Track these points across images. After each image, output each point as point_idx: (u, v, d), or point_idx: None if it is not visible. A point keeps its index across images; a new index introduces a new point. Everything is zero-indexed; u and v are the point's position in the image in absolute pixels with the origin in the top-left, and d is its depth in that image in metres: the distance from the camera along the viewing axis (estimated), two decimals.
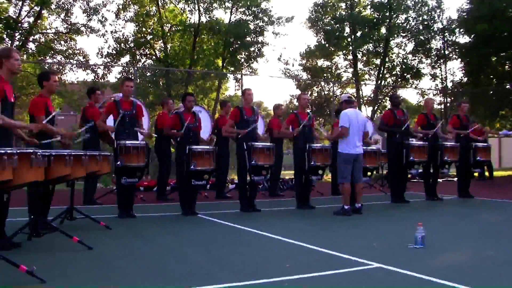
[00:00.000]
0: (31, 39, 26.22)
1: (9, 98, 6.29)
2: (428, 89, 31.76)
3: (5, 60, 6.37)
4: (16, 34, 25.31)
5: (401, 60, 32.05)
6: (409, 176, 13.66)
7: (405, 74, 31.93)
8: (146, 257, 6.11)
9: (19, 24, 25.34)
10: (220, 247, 6.87)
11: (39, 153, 5.38)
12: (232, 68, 30.34)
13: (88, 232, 7.54)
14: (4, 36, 25.13)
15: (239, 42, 28.83)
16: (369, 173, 12.05)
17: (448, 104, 30.09)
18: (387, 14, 30.61)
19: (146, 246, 6.94)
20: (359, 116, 10.59)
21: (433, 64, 31.85)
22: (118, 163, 9.17)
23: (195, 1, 28.27)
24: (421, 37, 30.91)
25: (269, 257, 6.18)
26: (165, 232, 8.13)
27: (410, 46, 31.77)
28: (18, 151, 4.91)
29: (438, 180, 13.46)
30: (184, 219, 9.65)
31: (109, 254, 6.29)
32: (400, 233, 7.83)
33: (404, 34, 31.25)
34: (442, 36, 31.16)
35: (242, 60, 30.31)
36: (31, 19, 26.05)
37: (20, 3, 25.44)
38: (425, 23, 30.63)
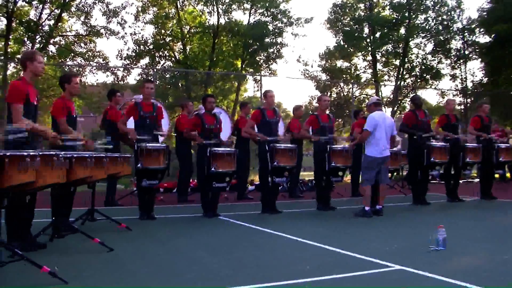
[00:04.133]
0: (51, 41, 26.52)
1: (32, 101, 6.33)
2: (448, 90, 31.56)
3: (28, 63, 6.43)
4: (37, 37, 25.57)
5: (420, 61, 31.91)
6: (429, 177, 13.52)
7: (425, 75, 31.75)
8: (163, 261, 6.08)
9: (40, 27, 25.60)
10: (241, 249, 6.87)
11: (61, 155, 5.39)
12: (251, 70, 30.36)
13: (109, 234, 7.54)
14: (25, 39, 25.38)
15: (258, 43, 28.83)
16: (389, 175, 11.96)
17: (468, 105, 29.83)
18: (406, 14, 30.50)
19: (163, 249, 6.91)
20: (386, 119, 10.52)
21: (452, 64, 31.68)
22: (139, 165, 9.19)
23: (214, 3, 28.33)
24: (441, 37, 30.72)
25: (290, 259, 6.15)
26: (183, 234, 8.12)
27: (430, 47, 31.62)
28: (40, 153, 4.92)
29: (460, 181, 13.32)
30: (205, 221, 9.63)
31: (127, 257, 6.27)
32: (421, 235, 7.74)
33: (423, 35, 31.07)
34: (462, 36, 30.97)
35: (261, 61, 30.34)
36: (52, 22, 26.38)
37: (40, 6, 25.66)
38: (445, 23, 30.45)
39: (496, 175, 14.92)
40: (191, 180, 13.95)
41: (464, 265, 5.87)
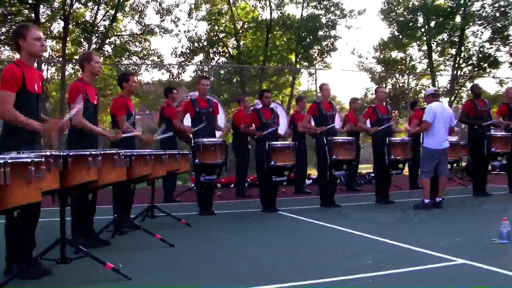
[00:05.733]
0: (107, 41, 26.90)
1: (91, 101, 6.44)
2: (506, 78, 30.79)
3: (86, 63, 6.54)
4: (93, 37, 25.99)
5: (477, 49, 31.14)
6: (490, 168, 13.22)
7: (482, 63, 31.01)
8: (218, 257, 6.08)
9: (96, 28, 26.00)
10: (300, 243, 6.85)
11: (121, 154, 5.47)
12: (306, 63, 30.27)
13: (169, 230, 7.63)
14: (82, 40, 25.85)
15: (311, 36, 28.70)
16: (449, 166, 11.76)
17: None
18: (462, 2, 29.77)
19: (219, 245, 6.91)
20: (445, 110, 10.32)
21: (511, 51, 30.86)
22: (196, 161, 9.25)
23: None
24: (498, 24, 29.91)
25: (350, 253, 6.10)
26: (241, 231, 8.12)
27: (487, 34, 30.84)
28: (101, 152, 5.01)
29: None
30: (264, 215, 9.66)
31: (185, 253, 6.28)
32: (484, 227, 7.57)
33: (480, 22, 30.30)
34: None
35: (315, 54, 30.21)
36: (107, 23, 26.77)
37: (95, 7, 26.09)
38: (502, 9, 29.63)
39: None
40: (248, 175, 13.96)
41: None
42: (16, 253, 4.98)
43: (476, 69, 31.25)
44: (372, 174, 14.11)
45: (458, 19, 30.27)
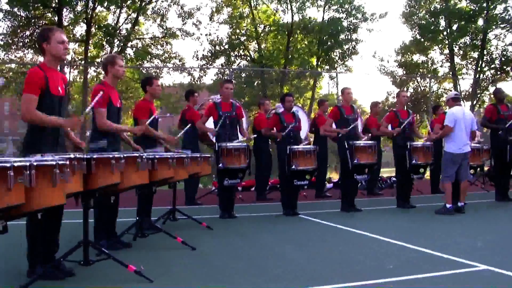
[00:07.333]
0: (129, 45, 27.11)
1: (114, 104, 6.48)
2: None
3: (110, 66, 6.58)
4: (115, 40, 26.18)
5: (500, 52, 30.91)
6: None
7: (505, 67, 30.73)
8: (247, 257, 6.13)
9: (118, 31, 26.19)
10: (321, 247, 6.82)
11: (144, 157, 5.49)
12: (327, 67, 30.23)
13: (190, 232, 7.65)
14: (104, 43, 26.06)
15: (332, 40, 28.68)
16: (472, 171, 11.67)
17: None
18: (484, 5, 29.56)
19: (246, 245, 6.96)
20: (466, 114, 10.25)
21: None
22: (220, 165, 9.26)
23: (288, 1, 28.39)
24: None
25: (371, 258, 6.06)
26: (265, 231, 8.15)
27: (510, 37, 30.76)
28: (125, 155, 5.03)
29: None
30: (285, 219, 9.63)
31: (211, 254, 6.33)
32: (507, 233, 7.53)
33: (503, 25, 30.06)
34: None
35: (337, 58, 30.17)
36: (129, 26, 26.98)
37: (118, 11, 26.31)
38: None
39: None
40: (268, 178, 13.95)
41: None
42: (39, 255, 5.03)
43: (498, 72, 31.03)
44: (394, 178, 14.05)
45: (480, 22, 30.11)
